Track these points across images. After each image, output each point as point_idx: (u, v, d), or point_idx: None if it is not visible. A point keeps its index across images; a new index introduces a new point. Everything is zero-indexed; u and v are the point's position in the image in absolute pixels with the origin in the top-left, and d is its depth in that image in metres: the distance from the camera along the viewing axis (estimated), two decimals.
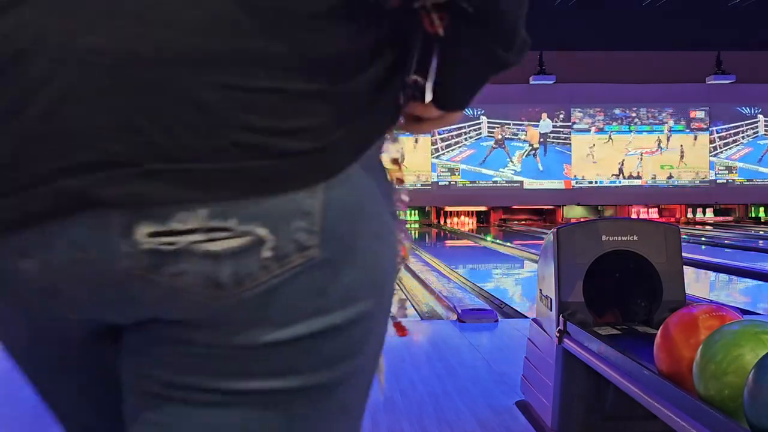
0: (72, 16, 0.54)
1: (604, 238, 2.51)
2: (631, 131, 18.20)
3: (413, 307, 5.91)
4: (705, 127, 18.40)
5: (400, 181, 0.70)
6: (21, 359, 0.82)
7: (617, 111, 18.19)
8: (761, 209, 19.08)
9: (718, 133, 18.44)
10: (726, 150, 18.48)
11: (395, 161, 0.68)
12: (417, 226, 17.26)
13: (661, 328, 1.94)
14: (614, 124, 18.25)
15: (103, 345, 0.67)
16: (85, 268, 0.56)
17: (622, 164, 18.33)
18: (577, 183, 18.19)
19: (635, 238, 2.52)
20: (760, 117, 18.47)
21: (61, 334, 0.68)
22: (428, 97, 0.65)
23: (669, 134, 18.39)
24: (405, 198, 0.71)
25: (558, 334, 2.51)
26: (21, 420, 3.01)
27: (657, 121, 18.34)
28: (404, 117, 0.70)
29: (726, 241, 12.27)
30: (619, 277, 2.61)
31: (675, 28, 17.47)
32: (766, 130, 18.51)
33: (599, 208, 18.31)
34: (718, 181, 18.53)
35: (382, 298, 0.66)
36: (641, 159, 18.22)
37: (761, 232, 14.84)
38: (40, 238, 0.55)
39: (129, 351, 0.63)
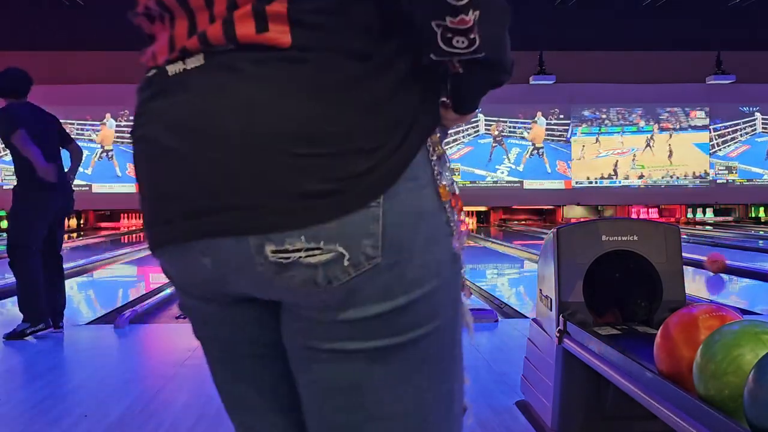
0: (213, 105, 0.85)
1: (604, 238, 2.51)
2: (600, 133, 18.19)
3: None
4: (701, 126, 18.39)
5: (454, 201, 0.92)
6: (223, 350, 1.01)
7: (586, 113, 18.16)
8: (761, 209, 19.08)
9: (716, 131, 18.45)
10: (724, 148, 18.49)
11: (445, 188, 0.90)
12: None
13: (661, 328, 1.94)
14: (584, 125, 18.18)
15: (267, 311, 0.94)
16: (234, 268, 0.87)
17: (616, 165, 18.35)
18: (577, 183, 18.21)
19: (635, 238, 2.52)
20: (758, 115, 18.47)
21: (242, 306, 0.95)
22: (450, 115, 0.96)
23: (651, 135, 18.37)
24: (456, 191, 0.92)
25: (558, 334, 2.51)
26: (21, 420, 3.01)
27: (627, 122, 18.33)
28: None
29: (726, 241, 12.26)
30: (619, 277, 2.61)
31: (675, 28, 17.47)
32: (764, 128, 18.52)
33: (599, 208, 18.31)
34: (718, 181, 18.53)
35: (441, 281, 0.89)
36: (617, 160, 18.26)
37: (761, 232, 14.84)
38: (212, 245, 0.86)
39: (283, 326, 0.93)
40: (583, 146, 18.19)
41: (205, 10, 0.87)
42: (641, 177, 18.28)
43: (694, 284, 7.27)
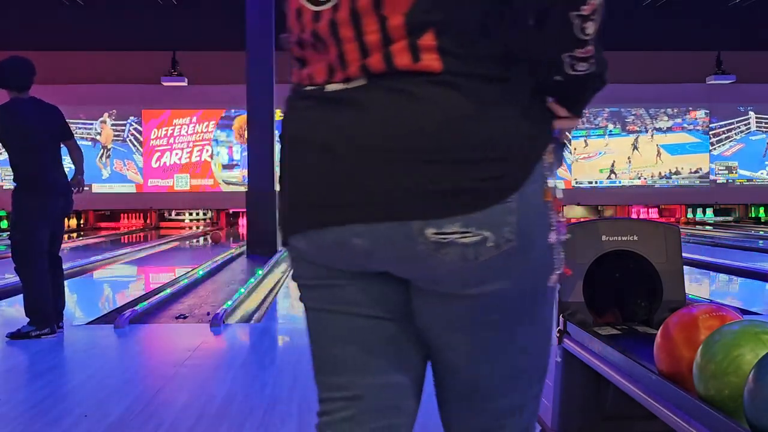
0: (384, 117, 1.04)
1: (604, 238, 2.51)
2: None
3: None
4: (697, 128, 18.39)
5: (555, 202, 1.12)
6: (349, 321, 1.17)
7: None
8: (761, 209, 19.08)
9: (711, 130, 18.45)
10: (719, 147, 18.49)
11: (549, 190, 1.10)
12: None
13: (661, 328, 1.94)
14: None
15: (389, 283, 1.14)
16: (391, 247, 1.06)
17: (613, 165, 18.37)
18: (577, 183, 18.21)
19: (635, 238, 2.52)
20: (752, 113, 18.47)
21: (367, 276, 1.14)
22: (563, 113, 1.15)
23: (636, 138, 18.39)
24: (560, 195, 1.14)
25: (558, 334, 2.51)
26: (21, 420, 3.01)
27: (593, 125, 18.34)
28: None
29: (726, 241, 12.26)
30: (619, 277, 2.61)
31: (675, 28, 17.47)
32: (757, 126, 18.53)
33: (599, 208, 18.32)
34: (718, 181, 18.53)
35: (548, 261, 1.12)
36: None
37: (761, 232, 14.84)
38: (369, 228, 1.06)
39: (416, 302, 1.15)
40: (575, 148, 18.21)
41: (354, 41, 1.06)
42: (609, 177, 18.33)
43: (694, 284, 7.27)
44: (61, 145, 4.78)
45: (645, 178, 18.44)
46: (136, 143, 17.75)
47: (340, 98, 1.07)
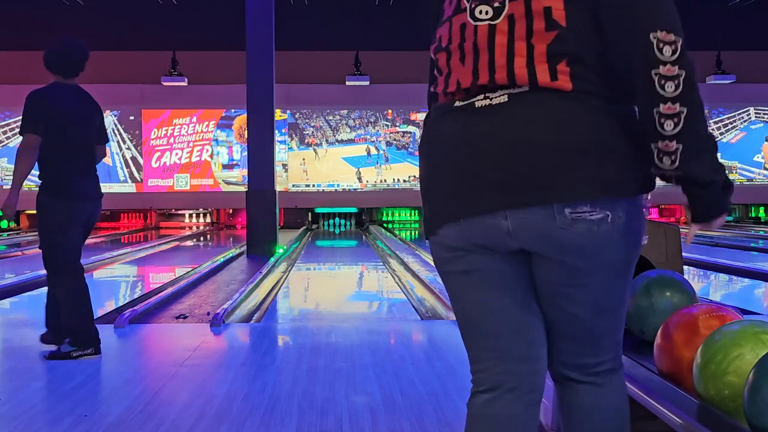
0: (529, 122, 1.37)
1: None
2: None
3: (413, 307, 5.91)
4: None
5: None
6: (494, 295, 1.48)
7: None
8: (761, 209, 19.07)
9: (712, 118, 18.49)
10: (727, 134, 18.52)
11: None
12: (418, 225, 17.29)
13: (660, 328, 1.94)
14: None
15: (518, 263, 1.47)
16: (533, 226, 1.38)
17: None
18: None
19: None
20: (751, 109, 18.56)
21: (503, 259, 1.46)
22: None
23: None
24: (648, 204, 1.48)
25: None
26: (21, 420, 3.01)
27: None
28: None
29: (726, 241, 12.26)
30: None
31: None
32: (756, 115, 18.59)
33: None
34: None
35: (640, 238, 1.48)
36: None
37: (761, 232, 14.84)
38: (517, 213, 1.37)
39: (542, 272, 1.47)
40: None
41: (487, 53, 1.41)
42: None
43: (694, 284, 7.26)
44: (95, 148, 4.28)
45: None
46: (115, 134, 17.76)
47: (487, 111, 1.39)
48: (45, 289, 4.25)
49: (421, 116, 17.72)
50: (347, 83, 17.28)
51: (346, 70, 17.19)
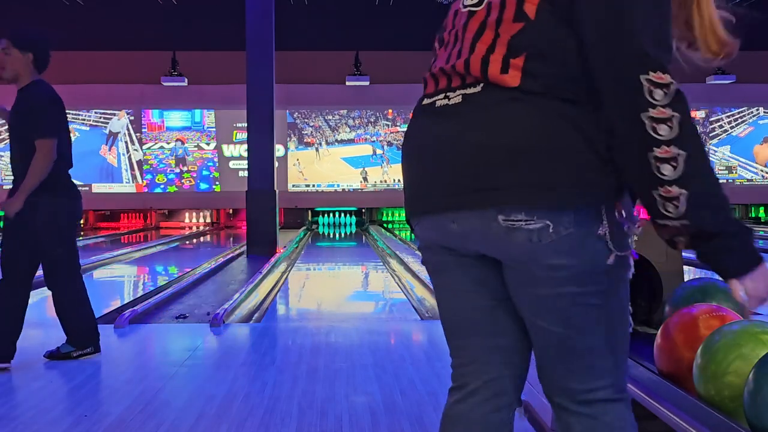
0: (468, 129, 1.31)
1: None
2: None
3: (413, 307, 5.91)
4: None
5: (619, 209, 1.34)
6: (458, 298, 1.46)
7: None
8: (761, 209, 19.07)
9: (716, 115, 18.50)
10: (737, 128, 18.54)
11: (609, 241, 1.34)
12: None
13: (661, 328, 1.94)
14: None
15: (486, 267, 1.41)
16: (476, 231, 1.32)
17: None
18: None
19: (635, 238, 2.52)
20: (761, 109, 18.60)
21: (469, 262, 1.42)
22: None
23: None
24: (631, 234, 1.39)
25: None
26: (21, 420, 3.01)
27: None
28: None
29: None
30: None
31: None
32: (765, 111, 18.62)
33: None
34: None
35: (603, 247, 1.32)
36: None
37: (761, 232, 14.83)
38: (460, 216, 1.32)
39: (508, 279, 1.38)
40: None
41: (461, 40, 1.38)
42: None
43: None
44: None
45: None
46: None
47: (444, 111, 1.36)
48: (44, 289, 4.23)
49: None
50: (347, 83, 17.29)
51: (346, 70, 17.19)
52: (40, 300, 4.51)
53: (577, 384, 1.38)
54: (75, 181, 4.15)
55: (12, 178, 4.03)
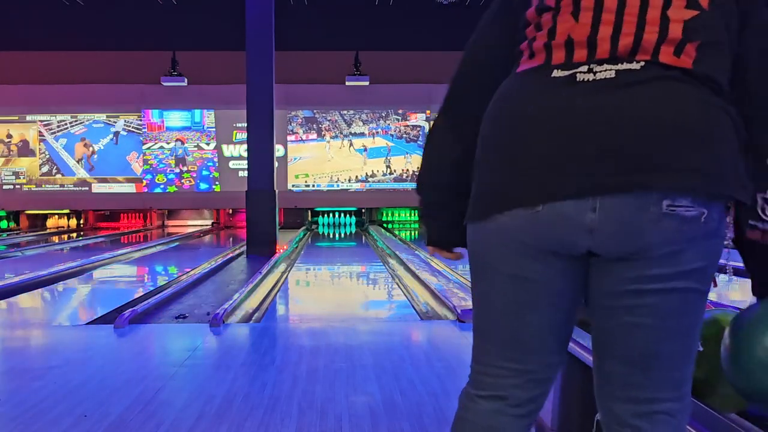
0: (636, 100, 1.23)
1: None
2: None
3: (413, 307, 5.91)
4: None
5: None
6: (535, 310, 1.31)
7: None
8: None
9: None
10: None
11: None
12: (417, 226, 17.28)
13: None
14: None
15: (583, 270, 1.31)
16: (621, 218, 1.21)
17: None
18: None
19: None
20: None
21: (573, 266, 1.30)
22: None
23: None
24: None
25: None
26: (21, 420, 3.01)
27: None
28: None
29: (726, 242, 12.23)
30: None
31: None
32: None
33: None
34: None
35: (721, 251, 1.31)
36: None
37: None
38: (607, 202, 1.20)
39: (603, 274, 1.29)
40: None
41: (613, 14, 1.27)
42: None
43: None
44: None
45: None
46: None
47: (590, 86, 1.24)
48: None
49: (420, 116, 17.74)
50: (347, 83, 17.29)
51: (346, 70, 17.20)
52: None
53: (644, 391, 1.30)
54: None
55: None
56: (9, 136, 17.42)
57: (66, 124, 17.46)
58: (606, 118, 1.19)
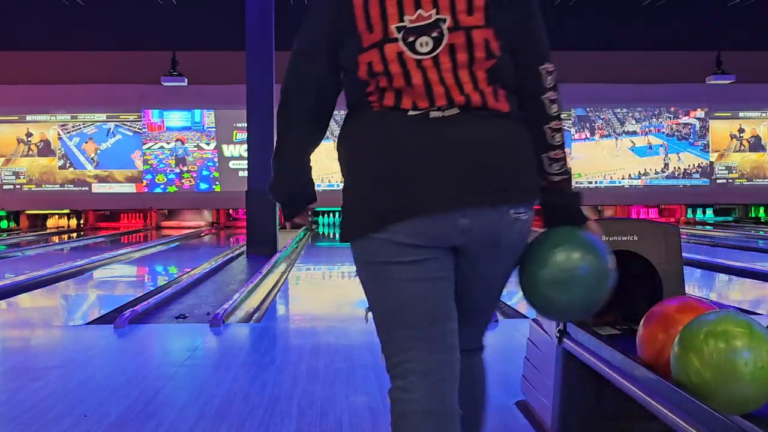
0: (478, 134, 1.60)
1: (604, 238, 2.51)
2: None
3: None
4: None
5: None
6: (432, 283, 1.63)
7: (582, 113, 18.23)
8: (761, 209, 19.08)
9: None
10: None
11: None
12: None
13: (642, 320, 1.94)
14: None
15: (451, 256, 1.65)
16: (486, 224, 1.59)
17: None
18: (577, 183, 18.18)
19: (635, 238, 2.52)
20: None
21: (445, 253, 1.64)
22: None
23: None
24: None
25: (558, 334, 2.52)
26: (21, 420, 3.01)
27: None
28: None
29: (726, 241, 12.26)
30: (618, 277, 2.60)
31: (675, 28, 17.46)
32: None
33: (599, 208, 18.31)
34: (718, 181, 18.53)
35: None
36: None
37: (761, 232, 14.84)
38: (475, 212, 1.57)
39: (478, 259, 1.67)
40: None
41: (437, 82, 1.57)
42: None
43: (694, 284, 7.27)
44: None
45: (644, 178, 18.45)
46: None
47: (443, 120, 1.56)
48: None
49: None
50: None
51: None
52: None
53: (480, 337, 1.86)
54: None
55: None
56: (29, 134, 17.42)
57: (80, 125, 17.51)
58: (464, 146, 1.54)
